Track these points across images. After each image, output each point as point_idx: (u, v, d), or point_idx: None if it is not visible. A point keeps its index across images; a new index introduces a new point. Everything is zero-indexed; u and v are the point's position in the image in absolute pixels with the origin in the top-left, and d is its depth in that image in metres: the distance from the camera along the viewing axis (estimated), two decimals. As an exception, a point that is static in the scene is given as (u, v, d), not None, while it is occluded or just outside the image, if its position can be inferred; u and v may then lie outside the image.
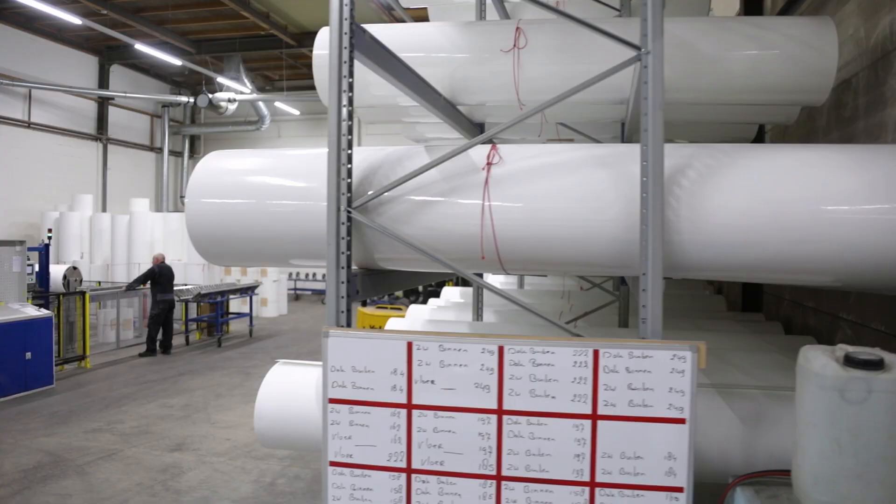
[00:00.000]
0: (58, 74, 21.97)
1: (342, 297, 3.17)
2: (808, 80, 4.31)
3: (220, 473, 8.07)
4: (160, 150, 27.15)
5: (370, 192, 3.28)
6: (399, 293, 13.07)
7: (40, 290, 13.28)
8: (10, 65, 20.44)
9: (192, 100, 24.17)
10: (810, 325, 6.75)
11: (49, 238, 14.81)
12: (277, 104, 25.82)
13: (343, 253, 3.16)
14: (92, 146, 24.22)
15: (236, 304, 19.01)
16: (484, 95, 4.95)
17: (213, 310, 17.31)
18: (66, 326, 13.51)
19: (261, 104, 25.70)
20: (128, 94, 23.32)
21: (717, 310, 8.33)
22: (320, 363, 4.57)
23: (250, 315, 18.23)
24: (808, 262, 3.11)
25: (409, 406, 3.07)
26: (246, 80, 23.77)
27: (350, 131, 3.20)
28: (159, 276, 15.22)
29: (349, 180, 3.19)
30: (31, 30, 21.24)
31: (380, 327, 11.88)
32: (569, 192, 3.21)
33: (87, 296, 14.06)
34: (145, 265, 18.71)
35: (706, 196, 3.13)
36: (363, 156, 3.45)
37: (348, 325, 3.22)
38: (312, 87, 19.42)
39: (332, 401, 3.12)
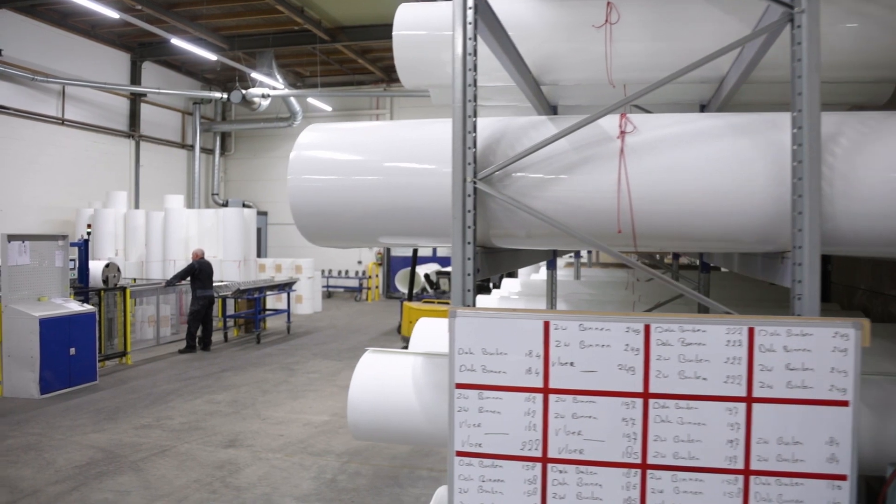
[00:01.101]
0: (91, 71, 21.92)
1: (468, 275, 2.97)
2: (914, 53, 4.05)
3: (279, 470, 7.90)
4: (191, 148, 27.06)
5: (495, 164, 3.08)
6: (446, 287, 12.86)
7: (80, 286, 13.19)
8: (45, 61, 20.39)
9: (225, 96, 24.05)
10: (893, 315, 6.49)
11: (89, 233, 14.73)
12: (310, 100, 25.69)
13: (469, 227, 2.96)
14: (124, 143, 24.16)
15: (271, 301, 18.87)
16: (570, 73, 4.72)
17: (251, 306, 17.21)
18: (105, 323, 13.40)
19: (293, 101, 25.57)
20: (161, 91, 23.21)
21: (786, 300, 8.05)
22: (409, 351, 4.39)
23: (288, 311, 18.10)
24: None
25: (546, 390, 2.86)
26: (278, 76, 23.65)
27: (475, 98, 3.00)
28: (199, 271, 15.11)
29: (475, 150, 2.99)
30: (65, 26, 21.19)
31: (427, 322, 11.69)
32: (711, 161, 2.99)
33: (128, 291, 13.96)
34: (180, 262, 18.62)
35: (861, 165, 2.91)
36: (481, 125, 3.24)
37: (473, 304, 3.02)
38: (345, 84, 19.52)
39: (460, 386, 2.92)
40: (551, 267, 6.40)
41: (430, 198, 3.22)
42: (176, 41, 19.08)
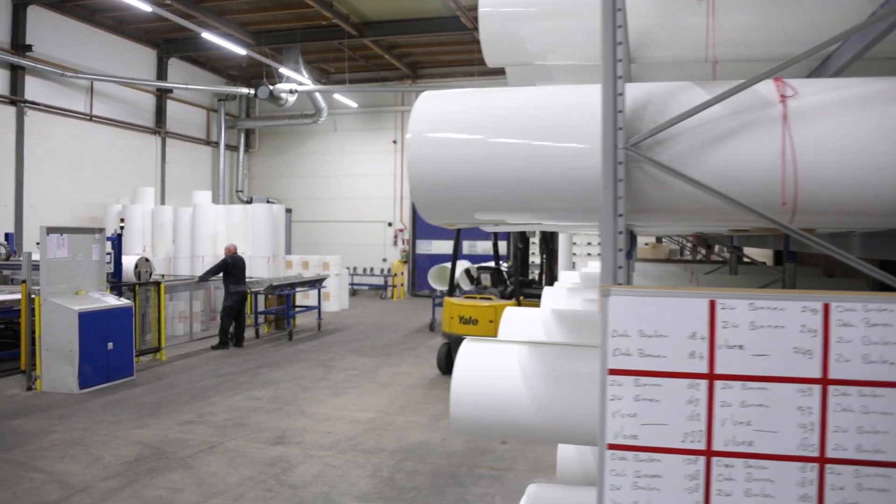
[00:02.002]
0: (118, 67, 21.78)
1: (619, 250, 2.72)
2: None
3: (333, 468, 7.66)
4: (216, 145, 26.94)
5: (644, 131, 2.82)
6: (487, 283, 12.58)
7: (114, 281, 12.98)
8: (73, 57, 20.31)
9: (252, 91, 23.87)
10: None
11: (122, 228, 14.56)
12: (336, 96, 25.51)
13: (620, 198, 2.72)
14: (151, 140, 24.04)
15: (298, 298, 18.64)
16: (666, 50, 4.43)
17: (280, 303, 17.02)
18: (138, 318, 13.19)
19: (318, 97, 25.38)
20: (189, 86, 23.09)
21: (858, 289, 7.77)
22: (511, 340, 4.13)
23: (318, 308, 17.88)
24: None
25: (711, 376, 2.60)
26: (304, 72, 23.47)
27: (624, 57, 2.75)
28: (232, 266, 14.91)
29: (624, 114, 2.74)
30: (93, 22, 21.09)
31: (471, 317, 11.43)
32: (884, 128, 2.72)
33: (163, 286, 13.76)
34: (209, 258, 18.43)
35: None
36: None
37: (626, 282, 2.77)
38: (370, 80, 19.70)
39: (613, 372, 2.66)
40: (629, 257, 6.13)
41: (566, 169, 2.97)
42: (207, 35, 18.90)
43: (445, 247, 25.78)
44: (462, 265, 19.38)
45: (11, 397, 10.62)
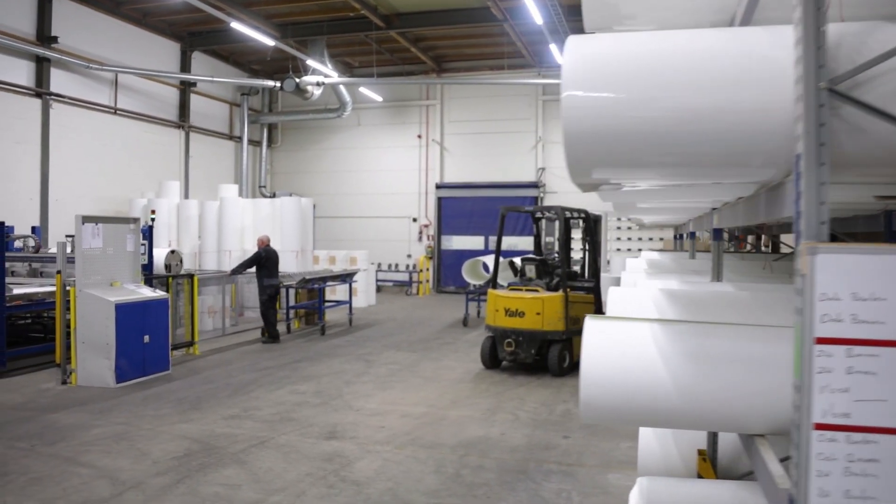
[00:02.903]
0: (142, 61, 21.55)
1: (822, 204, 2.38)
2: None
3: (394, 463, 7.33)
4: (239, 139, 26.67)
5: (842, 72, 2.49)
6: (532, 274, 12.20)
7: (146, 273, 12.67)
8: (98, 50, 20.10)
9: (278, 84, 23.58)
10: None
11: (153, 220, 14.26)
12: (361, 90, 25.25)
13: (822, 145, 2.37)
14: (175, 134, 23.81)
15: (327, 293, 18.33)
16: (785, 11, 4.11)
17: (311, 297, 16.73)
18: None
19: (343, 91, 25.08)
20: (214, 79, 22.81)
21: None
22: (639, 318, 3.80)
23: (349, 303, 17.60)
24: None
25: (939, 345, 2.26)
26: (329, 65, 23.18)
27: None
28: (266, 259, 14.61)
29: (825, 50, 2.40)
30: (118, 15, 20.89)
31: (517, 309, 11.07)
32: None
33: (196, 279, 13.46)
34: (236, 253, 18.11)
35: None
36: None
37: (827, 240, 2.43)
38: (396, 74, 19.53)
39: (821, 341, 2.31)
40: (718, 238, 5.83)
41: (745, 119, 2.65)
42: (235, 25, 18.62)
43: (470, 242, 25.69)
44: (485, 259, 19.16)
45: (46, 391, 10.34)
